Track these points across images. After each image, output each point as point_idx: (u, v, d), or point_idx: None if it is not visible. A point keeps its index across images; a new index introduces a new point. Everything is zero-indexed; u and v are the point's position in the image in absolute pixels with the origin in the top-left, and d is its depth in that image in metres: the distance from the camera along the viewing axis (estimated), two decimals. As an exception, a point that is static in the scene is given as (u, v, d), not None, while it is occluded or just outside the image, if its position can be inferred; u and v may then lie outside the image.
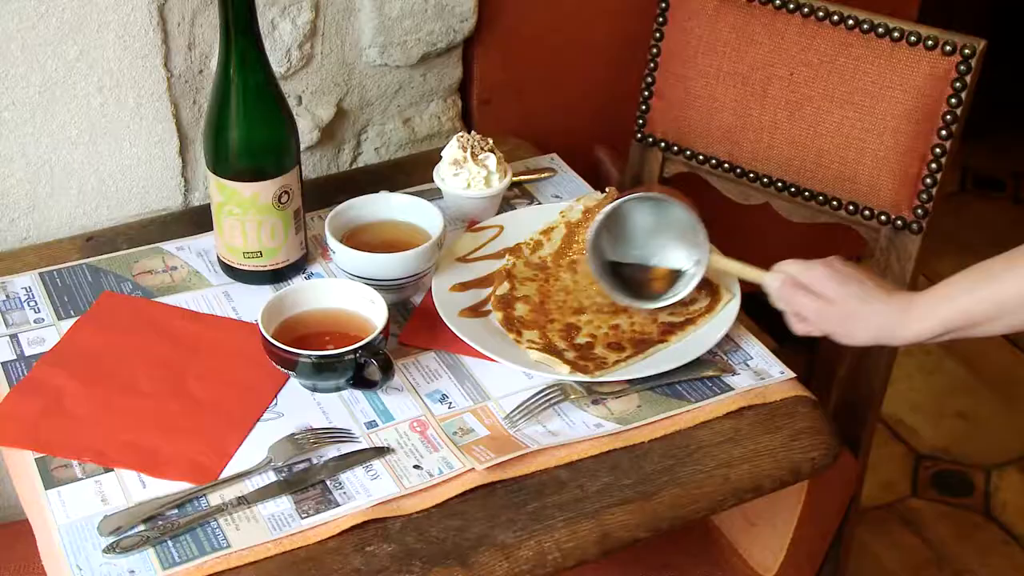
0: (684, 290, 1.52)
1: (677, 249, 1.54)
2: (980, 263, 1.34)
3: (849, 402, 1.89)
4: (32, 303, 1.56)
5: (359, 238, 1.58)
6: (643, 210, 1.54)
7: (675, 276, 1.54)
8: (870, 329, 1.38)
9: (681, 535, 1.70)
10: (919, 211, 1.75)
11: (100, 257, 1.64)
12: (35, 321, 1.54)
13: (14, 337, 1.51)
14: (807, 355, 2.55)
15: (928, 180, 1.74)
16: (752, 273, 1.50)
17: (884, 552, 2.51)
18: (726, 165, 1.89)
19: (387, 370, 1.40)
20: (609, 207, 1.52)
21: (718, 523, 1.72)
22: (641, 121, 1.95)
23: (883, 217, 1.78)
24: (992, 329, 1.32)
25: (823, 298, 1.40)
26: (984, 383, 2.94)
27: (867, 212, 1.79)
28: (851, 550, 2.04)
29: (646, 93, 1.93)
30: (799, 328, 1.45)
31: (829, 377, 1.96)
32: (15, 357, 1.48)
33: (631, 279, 1.55)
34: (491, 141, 1.70)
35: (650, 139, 1.94)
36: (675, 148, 1.93)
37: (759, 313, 2.75)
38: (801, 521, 1.58)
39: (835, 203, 1.81)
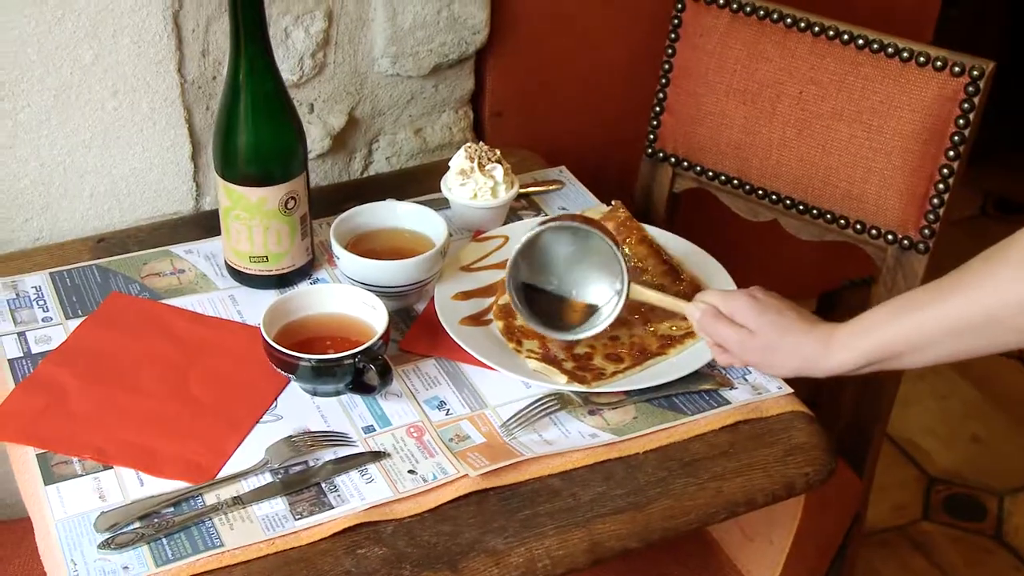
0: (601, 324, 1.50)
1: (598, 280, 1.52)
2: (907, 292, 1.34)
3: (854, 422, 1.89)
4: (41, 302, 1.59)
5: (364, 245, 1.59)
6: (563, 239, 1.51)
7: (592, 310, 1.52)
8: (792, 360, 1.40)
9: (679, 549, 1.70)
10: (926, 231, 1.75)
11: (110, 258, 1.66)
12: (43, 320, 1.56)
13: (22, 335, 1.53)
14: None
15: (935, 200, 1.74)
16: (673, 303, 1.50)
17: (893, 575, 2.50)
18: (735, 181, 1.89)
19: (385, 375, 1.41)
20: (527, 236, 1.48)
21: (716, 537, 1.72)
22: (652, 136, 1.96)
23: (890, 236, 1.78)
24: (919, 360, 1.31)
25: (744, 329, 1.41)
26: (999, 407, 2.93)
27: (874, 231, 1.79)
28: (856, 571, 2.04)
29: (657, 108, 1.94)
30: (722, 359, 1.46)
31: (837, 396, 1.97)
32: (22, 355, 1.50)
33: (549, 308, 1.52)
34: (498, 152, 1.72)
35: (660, 154, 1.95)
36: (685, 164, 1.94)
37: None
38: (799, 537, 1.58)
39: (843, 221, 1.81)
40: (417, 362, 1.51)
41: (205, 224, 1.73)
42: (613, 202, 1.73)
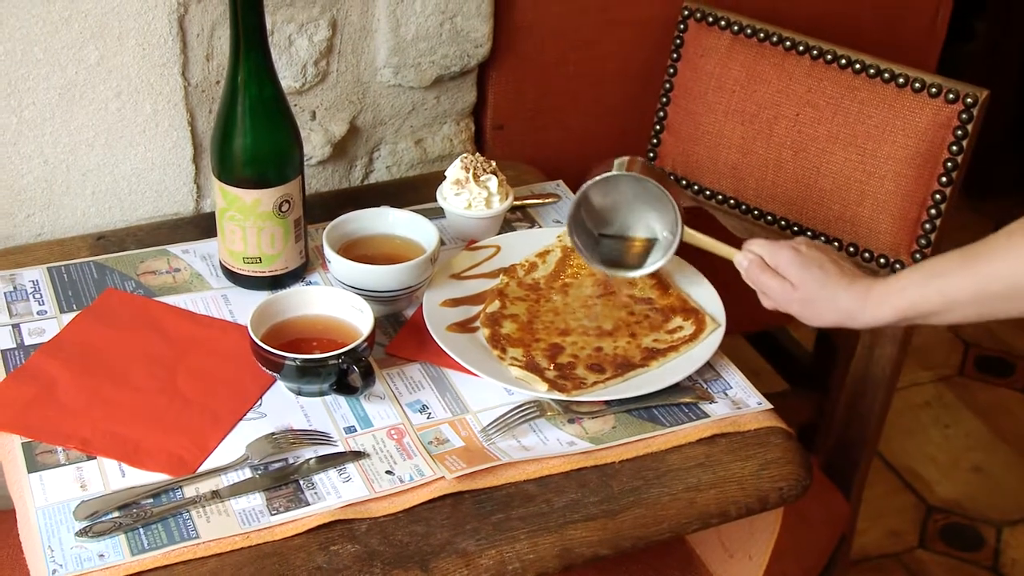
0: (662, 259, 1.56)
1: (652, 222, 1.58)
2: (940, 256, 1.38)
3: (842, 444, 1.90)
4: (37, 295, 1.61)
5: (356, 250, 1.62)
6: (619, 187, 1.57)
7: (650, 247, 1.58)
8: (830, 313, 1.45)
9: (661, 564, 1.71)
10: (917, 256, 1.76)
11: (107, 255, 1.69)
12: (38, 313, 1.58)
13: (16, 327, 1.56)
14: (818, 397, 2.56)
15: (927, 225, 1.75)
16: (723, 249, 1.55)
17: (885, 602, 2.51)
18: (731, 201, 1.91)
19: (367, 377, 1.43)
20: (587, 184, 1.55)
21: (699, 553, 1.73)
22: (652, 154, 1.98)
23: (882, 260, 1.79)
24: (949, 319, 1.37)
25: (787, 282, 1.47)
26: (1002, 439, 2.92)
27: (867, 254, 1.80)
28: (844, 594, 2.05)
29: (657, 127, 1.96)
30: (766, 304, 1.52)
31: (828, 418, 1.98)
32: (15, 346, 1.53)
33: (609, 253, 1.59)
34: (494, 164, 1.74)
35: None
36: (684, 182, 1.95)
37: (774, 355, 2.78)
38: (778, 554, 1.59)
39: (836, 244, 1.83)
40: (403, 366, 1.53)
41: (204, 225, 1.75)
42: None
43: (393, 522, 1.33)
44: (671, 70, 1.94)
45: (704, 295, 1.63)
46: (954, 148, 1.71)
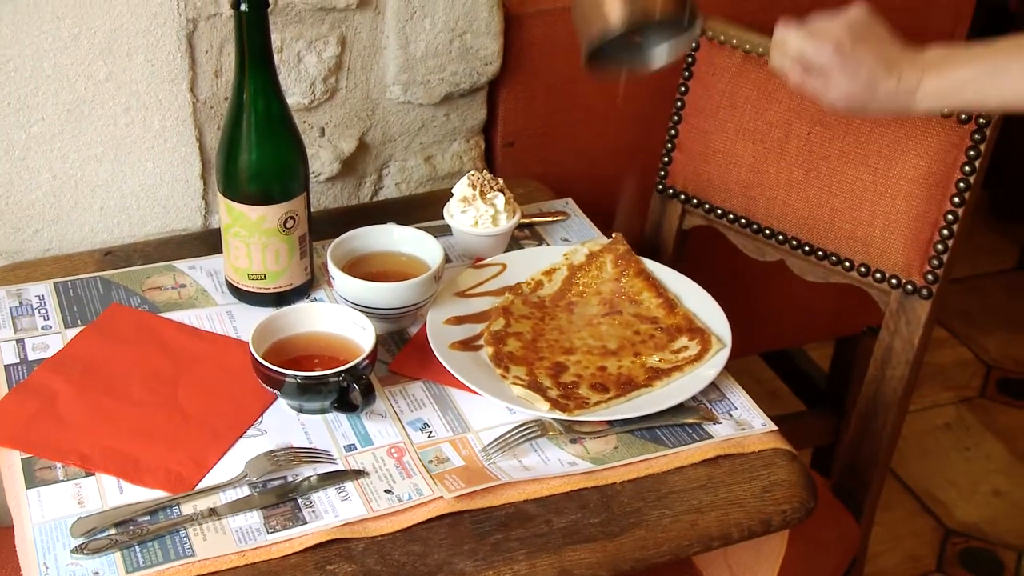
0: (684, 45, 1.51)
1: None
2: (988, 49, 1.35)
3: (853, 465, 1.88)
4: (43, 311, 1.61)
5: (361, 267, 1.61)
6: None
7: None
8: (879, 103, 1.39)
9: (667, 584, 1.70)
10: (929, 276, 1.74)
11: (113, 271, 1.69)
12: (43, 328, 1.59)
13: (20, 341, 1.56)
14: (835, 418, 2.54)
15: (939, 246, 1.73)
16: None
17: (902, 625, 2.48)
18: (743, 220, 1.90)
19: (368, 395, 1.42)
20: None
21: (706, 574, 1.71)
22: (663, 173, 1.97)
23: (894, 280, 1.77)
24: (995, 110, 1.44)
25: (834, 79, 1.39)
26: (1023, 462, 2.89)
27: (878, 275, 1.79)
28: (857, 618, 2.02)
29: (669, 145, 1.95)
30: (795, 77, 1.43)
31: (838, 440, 1.96)
32: (18, 361, 1.53)
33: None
34: (501, 181, 1.73)
35: (671, 191, 1.96)
36: (694, 201, 1.94)
37: (791, 376, 2.76)
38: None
39: (847, 264, 1.81)
40: (405, 384, 1.52)
41: (211, 241, 1.75)
42: (614, 235, 1.74)
43: (390, 542, 1.32)
44: (682, 88, 1.93)
45: (710, 315, 1.62)
46: (967, 169, 1.69)
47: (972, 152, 1.69)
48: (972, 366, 3.20)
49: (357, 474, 1.39)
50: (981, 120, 1.68)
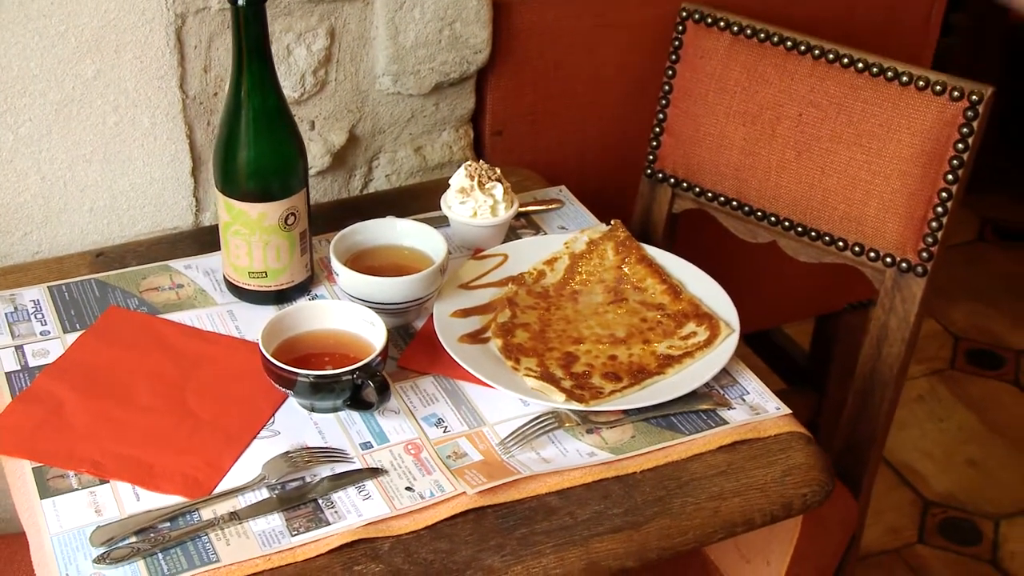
0: None
1: None
2: None
3: (850, 443, 1.89)
4: (39, 316, 1.58)
5: (363, 262, 1.59)
6: None
7: None
8: None
9: (676, 570, 1.70)
10: (924, 254, 1.75)
11: (108, 273, 1.66)
12: (41, 333, 1.56)
13: (19, 348, 1.53)
14: (816, 396, 2.56)
15: (934, 224, 1.74)
16: None
17: (888, 598, 2.50)
18: (734, 203, 1.90)
19: (383, 392, 1.41)
20: None
21: (714, 559, 1.72)
22: (652, 157, 1.97)
23: (888, 259, 1.78)
24: None
25: None
26: (996, 432, 2.93)
27: (872, 254, 1.79)
28: (851, 592, 2.04)
29: (657, 129, 1.95)
30: None
31: (837, 418, 1.97)
32: (19, 368, 1.50)
33: None
34: (499, 171, 1.72)
35: (660, 175, 1.96)
36: (684, 184, 1.94)
37: (770, 354, 2.77)
38: (796, 559, 1.58)
39: (841, 243, 1.82)
40: (415, 379, 1.51)
41: (204, 239, 1.73)
42: (612, 221, 1.73)
43: (416, 540, 1.31)
44: (670, 72, 1.92)
45: (716, 299, 1.62)
46: (960, 146, 1.71)
47: (965, 129, 1.70)
48: (940, 338, 3.23)
49: (376, 472, 1.37)
50: (974, 97, 1.69)
